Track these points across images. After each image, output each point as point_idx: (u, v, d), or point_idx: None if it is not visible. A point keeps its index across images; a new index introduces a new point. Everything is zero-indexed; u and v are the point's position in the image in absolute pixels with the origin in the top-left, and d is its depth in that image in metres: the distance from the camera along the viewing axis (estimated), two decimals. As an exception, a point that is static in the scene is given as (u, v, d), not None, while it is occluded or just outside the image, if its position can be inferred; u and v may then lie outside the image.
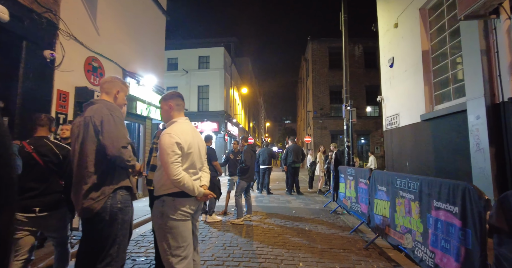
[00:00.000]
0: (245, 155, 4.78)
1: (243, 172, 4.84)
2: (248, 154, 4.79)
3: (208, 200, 5.20)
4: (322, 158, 8.97)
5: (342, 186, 5.82)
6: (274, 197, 7.92)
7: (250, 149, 4.88)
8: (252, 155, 4.91)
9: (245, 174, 4.84)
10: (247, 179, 4.89)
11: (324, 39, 21.49)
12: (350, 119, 7.56)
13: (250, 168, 4.85)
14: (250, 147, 4.91)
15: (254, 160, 4.99)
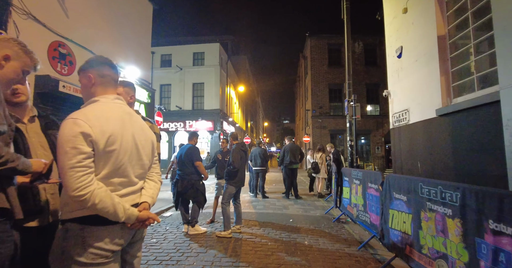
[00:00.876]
0: (234, 155, 4.06)
1: (231, 175, 4.12)
2: (237, 154, 4.06)
3: (191, 209, 4.73)
4: (324, 159, 8.26)
5: (346, 190, 5.11)
6: (270, 202, 7.19)
7: (240, 148, 4.16)
8: (242, 155, 4.19)
9: (233, 178, 4.11)
10: (236, 184, 4.16)
11: (323, 35, 20.82)
12: (353, 115, 6.85)
13: (240, 170, 4.13)
14: (240, 146, 4.19)
15: (244, 161, 4.27)
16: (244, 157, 4.21)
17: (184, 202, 4.43)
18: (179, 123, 19.08)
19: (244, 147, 4.27)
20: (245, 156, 4.25)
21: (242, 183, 4.27)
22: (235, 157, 4.02)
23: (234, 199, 4.35)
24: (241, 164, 4.14)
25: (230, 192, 4.15)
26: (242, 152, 4.16)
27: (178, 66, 19.42)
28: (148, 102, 7.95)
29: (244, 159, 4.21)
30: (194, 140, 4.55)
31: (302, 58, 25.17)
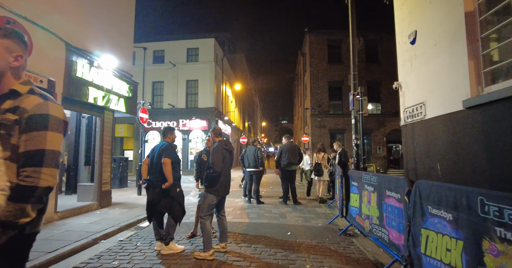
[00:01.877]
0: (214, 155, 3.23)
1: (210, 181, 3.29)
2: (218, 154, 3.23)
3: (166, 224, 3.55)
4: (326, 160, 7.43)
5: (355, 198, 4.29)
6: (266, 208, 6.36)
7: (223, 147, 3.34)
8: (226, 156, 3.36)
9: (213, 184, 3.28)
10: (217, 192, 3.32)
11: (323, 31, 20.04)
12: (360, 110, 6.04)
13: (222, 175, 3.30)
14: (223, 145, 3.36)
15: (229, 163, 3.43)
16: (228, 158, 3.38)
17: (157, 214, 3.59)
18: (172, 122, 18.20)
19: (229, 145, 3.46)
20: (230, 156, 3.42)
21: (226, 191, 3.43)
22: (216, 158, 3.19)
23: (217, 210, 3.51)
24: (225, 167, 3.30)
25: (210, 202, 3.30)
26: (225, 151, 3.33)
27: (171, 63, 18.55)
28: (129, 97, 7.09)
29: (228, 160, 3.37)
30: (170, 136, 3.71)
31: (301, 56, 24.38)
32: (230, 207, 6.50)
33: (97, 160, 6.21)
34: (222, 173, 3.27)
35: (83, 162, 7.04)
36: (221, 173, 3.26)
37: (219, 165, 3.19)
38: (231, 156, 3.47)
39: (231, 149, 3.50)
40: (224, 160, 3.29)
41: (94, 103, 5.85)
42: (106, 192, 6.36)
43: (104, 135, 6.41)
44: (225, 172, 3.32)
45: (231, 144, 3.51)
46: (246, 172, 7.20)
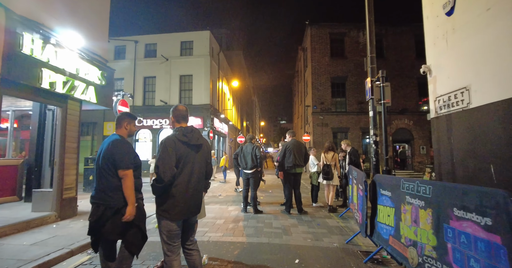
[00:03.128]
0: (160, 155, 2.07)
1: (157, 196, 2.13)
2: (167, 152, 2.06)
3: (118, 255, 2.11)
4: (337, 160, 6.28)
5: (387, 212, 3.15)
6: (265, 220, 5.21)
7: (178, 139, 2.14)
8: (186, 154, 2.15)
9: (162, 202, 2.10)
10: (170, 214, 2.08)
11: (324, 24, 18.93)
12: (382, 99, 4.90)
13: (179, 186, 2.10)
14: (179, 135, 2.15)
15: (193, 165, 2.22)
16: (192, 158, 2.18)
17: (105, 241, 2.42)
18: (164, 120, 17.03)
19: (190, 136, 2.18)
20: (195, 154, 2.21)
21: (188, 211, 2.17)
22: (162, 159, 2.02)
23: (183, 241, 2.30)
24: (183, 172, 2.12)
25: (168, 230, 2.09)
26: (183, 146, 2.14)
27: (164, 57, 17.38)
28: (102, 85, 5.92)
29: (192, 161, 2.18)
30: (127, 126, 2.55)
31: (301, 51, 23.27)
32: (221, 217, 5.35)
33: (57, 160, 5.04)
34: (177, 182, 2.10)
35: (48, 162, 5.86)
36: (175, 182, 2.10)
37: (168, 169, 2.01)
38: (197, 153, 2.24)
39: (197, 143, 2.21)
40: (182, 161, 2.13)
41: (51, 90, 4.68)
42: (69, 200, 5.19)
43: (68, 129, 5.24)
44: (183, 180, 2.12)
45: (196, 133, 2.24)
46: (242, 175, 6.06)
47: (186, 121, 2.34)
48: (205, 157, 2.33)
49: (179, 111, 2.33)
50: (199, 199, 2.29)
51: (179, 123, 2.29)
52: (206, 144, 2.36)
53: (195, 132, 2.26)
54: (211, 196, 8.34)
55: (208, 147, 2.41)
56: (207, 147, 2.38)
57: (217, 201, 7.28)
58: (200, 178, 2.27)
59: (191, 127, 2.26)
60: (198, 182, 2.24)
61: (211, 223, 4.93)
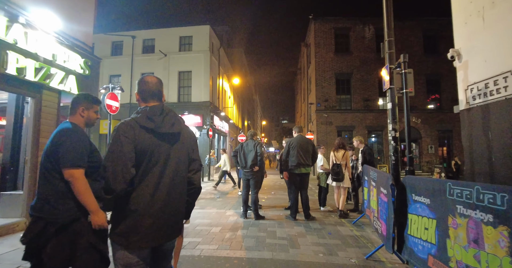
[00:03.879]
0: (112, 148, 1.35)
1: (112, 212, 1.46)
2: (119, 144, 1.35)
3: None
4: (349, 160, 5.59)
5: (421, 223, 2.47)
6: (267, 228, 4.54)
7: (138, 124, 1.42)
8: (158, 147, 1.45)
9: (117, 220, 1.39)
10: (128, 240, 1.35)
11: (329, 18, 18.22)
12: (404, 88, 4.20)
13: (140, 198, 1.38)
14: (141, 120, 1.43)
15: (166, 163, 1.47)
16: (158, 155, 1.45)
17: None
18: (163, 118, 16.38)
19: (160, 123, 1.45)
20: (170, 148, 1.50)
21: (160, 235, 1.43)
22: (113, 156, 1.33)
23: None
24: (147, 177, 1.41)
25: (127, 265, 1.38)
26: (149, 138, 1.43)
27: (162, 52, 16.74)
28: (85, 75, 5.29)
29: (158, 161, 1.45)
30: (83, 112, 1.89)
31: (304, 47, 22.57)
32: (218, 224, 4.69)
33: (28, 158, 4.40)
34: (139, 191, 1.40)
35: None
36: (136, 191, 1.39)
37: (120, 172, 1.32)
38: (174, 146, 1.53)
39: (172, 130, 1.50)
40: (147, 158, 1.41)
41: (20, 77, 4.04)
42: (44, 204, 4.54)
43: (43, 123, 4.60)
44: (149, 187, 1.41)
45: (171, 116, 1.53)
46: (242, 175, 5.40)
47: (156, 100, 1.59)
48: (186, 150, 1.61)
49: (146, 85, 1.58)
50: (178, 214, 1.56)
51: (146, 102, 1.60)
52: (186, 132, 1.64)
53: (169, 114, 1.53)
54: (209, 198, 7.68)
55: (191, 137, 1.68)
56: (189, 136, 1.67)
57: (214, 204, 6.62)
58: (179, 182, 1.54)
59: (160, 106, 1.53)
60: (175, 188, 1.51)
61: (205, 231, 4.26)
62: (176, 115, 1.58)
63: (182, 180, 1.57)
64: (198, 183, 1.69)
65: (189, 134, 1.66)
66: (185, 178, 1.61)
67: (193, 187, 1.66)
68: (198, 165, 1.69)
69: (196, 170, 1.68)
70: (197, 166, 1.69)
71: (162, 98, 1.62)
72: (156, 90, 1.58)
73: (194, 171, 1.67)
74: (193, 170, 1.66)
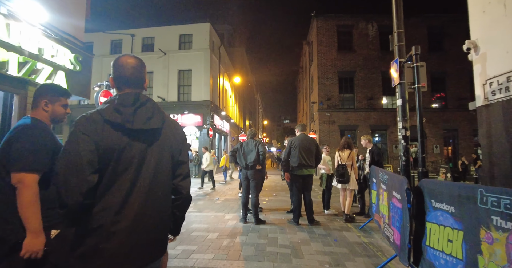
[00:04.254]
0: (66, 148, 1.04)
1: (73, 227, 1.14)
2: (75, 144, 1.04)
3: None
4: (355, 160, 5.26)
5: (444, 234, 2.16)
6: (268, 234, 4.23)
7: (103, 118, 1.09)
8: (129, 147, 1.12)
9: (77, 241, 1.05)
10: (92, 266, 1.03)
11: (331, 16, 17.88)
12: (415, 83, 3.87)
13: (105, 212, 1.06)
14: (104, 112, 1.10)
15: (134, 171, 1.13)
16: (130, 158, 1.13)
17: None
18: (162, 118, 16.11)
19: (129, 116, 1.12)
20: (139, 152, 1.16)
21: (132, 258, 1.10)
22: (66, 159, 1.02)
23: None
24: (113, 185, 1.09)
25: None
26: (116, 136, 1.11)
27: (161, 50, 16.47)
28: (76, 70, 5.00)
29: (129, 165, 1.13)
30: (46, 105, 1.60)
31: (306, 45, 22.24)
32: (215, 230, 4.38)
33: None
34: (104, 203, 1.07)
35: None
36: (99, 204, 1.07)
37: (74, 181, 1.01)
38: (151, 147, 1.19)
39: (147, 126, 1.16)
40: (113, 162, 1.09)
41: (2, 72, 3.76)
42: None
43: (28, 122, 4.30)
44: (116, 199, 1.08)
45: (148, 107, 1.19)
46: (242, 175, 5.09)
47: (134, 88, 1.25)
48: (170, 151, 1.27)
49: (121, 69, 1.24)
50: (159, 230, 1.24)
51: (121, 90, 1.25)
52: (171, 128, 1.30)
53: (145, 105, 1.19)
54: (207, 200, 7.39)
55: (178, 134, 1.34)
56: (175, 133, 1.32)
57: (213, 207, 6.32)
58: (160, 191, 1.21)
59: (133, 94, 1.19)
60: (154, 199, 1.18)
61: (201, 237, 3.96)
62: (155, 107, 1.23)
63: (164, 189, 1.24)
64: (187, 192, 1.35)
65: (175, 130, 1.32)
66: (169, 186, 1.28)
67: (180, 196, 1.32)
68: (186, 170, 1.36)
69: (184, 175, 1.34)
70: (185, 171, 1.36)
71: (143, 85, 1.29)
72: (132, 76, 1.24)
73: (182, 177, 1.33)
74: (180, 175, 1.33)
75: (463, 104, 17.19)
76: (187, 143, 2.61)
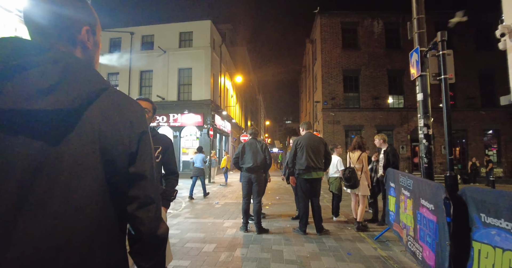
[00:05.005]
0: None
1: None
2: None
3: None
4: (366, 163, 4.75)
5: (499, 259, 1.66)
6: (272, 247, 3.75)
7: None
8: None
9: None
10: None
11: (335, 12, 17.40)
12: (442, 74, 3.37)
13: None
14: None
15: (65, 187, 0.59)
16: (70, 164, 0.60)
17: None
18: (162, 117, 15.72)
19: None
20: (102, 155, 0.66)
21: None
22: None
23: None
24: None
25: None
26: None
27: (161, 48, 16.05)
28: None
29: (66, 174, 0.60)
30: None
31: (309, 43, 21.75)
32: (212, 240, 3.90)
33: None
34: None
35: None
36: None
37: None
38: (59, 147, 0.60)
39: (43, 106, 0.58)
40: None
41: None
42: None
43: None
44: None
45: (49, 63, 0.62)
46: (243, 178, 4.58)
47: (39, 34, 0.70)
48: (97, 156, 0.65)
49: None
50: None
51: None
52: (108, 111, 0.68)
53: (45, 65, 0.62)
54: (206, 204, 6.91)
55: (128, 123, 0.71)
56: (118, 121, 0.69)
57: (212, 212, 5.84)
58: (81, 226, 0.62)
59: (33, 42, 0.66)
60: (62, 241, 0.59)
61: (195, 250, 3.48)
62: (69, 69, 0.64)
63: (91, 224, 0.63)
64: (149, 229, 0.72)
65: (120, 117, 0.71)
66: (105, 218, 0.67)
67: (138, 236, 0.73)
68: (147, 191, 0.73)
69: (142, 201, 0.72)
70: (146, 193, 0.73)
71: (70, 33, 0.73)
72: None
73: (138, 204, 0.72)
74: (135, 200, 0.71)
75: (472, 103, 16.62)
76: (168, 142, 2.05)
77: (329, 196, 5.70)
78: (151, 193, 0.74)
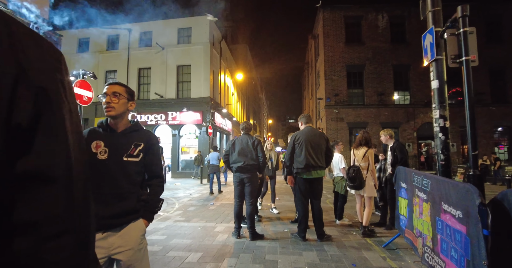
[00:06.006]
0: None
1: None
2: None
3: None
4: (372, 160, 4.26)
5: None
6: (265, 256, 3.31)
7: None
8: None
9: None
10: None
11: (339, 6, 16.83)
12: (464, 55, 2.88)
13: None
14: None
15: None
16: None
17: None
18: (160, 115, 15.34)
19: None
20: None
21: None
22: None
23: None
24: None
25: None
26: None
27: (159, 45, 15.66)
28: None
29: None
30: None
31: (312, 39, 21.21)
32: (199, 248, 3.46)
33: None
34: None
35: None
36: None
37: None
38: None
39: None
40: None
41: None
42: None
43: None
44: None
45: None
46: (234, 179, 4.14)
47: None
48: None
49: None
50: None
51: None
52: None
53: None
54: (201, 205, 6.49)
55: None
56: None
57: (204, 215, 5.41)
58: None
59: None
60: None
61: (178, 260, 3.05)
62: None
63: None
64: None
65: None
66: None
67: None
68: None
69: None
70: None
71: None
72: None
73: None
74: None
75: (481, 99, 15.96)
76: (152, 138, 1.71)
77: (332, 196, 5.24)
78: None
